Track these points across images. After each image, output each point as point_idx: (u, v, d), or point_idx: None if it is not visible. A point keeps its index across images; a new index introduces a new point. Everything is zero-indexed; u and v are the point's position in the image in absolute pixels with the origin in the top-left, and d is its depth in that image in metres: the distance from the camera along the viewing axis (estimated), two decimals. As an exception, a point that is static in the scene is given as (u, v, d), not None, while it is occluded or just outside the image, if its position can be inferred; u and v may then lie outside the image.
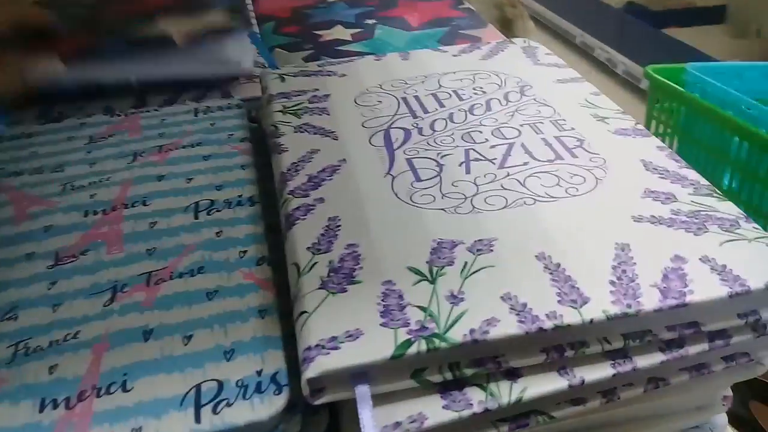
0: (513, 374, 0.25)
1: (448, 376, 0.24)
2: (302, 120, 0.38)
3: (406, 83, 0.41)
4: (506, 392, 0.24)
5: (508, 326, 0.24)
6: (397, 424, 0.23)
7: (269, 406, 0.23)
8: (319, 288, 0.26)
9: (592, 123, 0.36)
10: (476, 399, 0.24)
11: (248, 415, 0.23)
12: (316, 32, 0.53)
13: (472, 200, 0.30)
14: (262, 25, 0.56)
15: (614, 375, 0.25)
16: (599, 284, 0.25)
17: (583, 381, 0.25)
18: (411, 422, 0.23)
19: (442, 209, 0.30)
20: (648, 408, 0.29)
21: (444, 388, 0.24)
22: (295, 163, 0.35)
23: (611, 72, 1.32)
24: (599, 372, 0.25)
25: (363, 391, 0.23)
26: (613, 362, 0.25)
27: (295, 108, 0.40)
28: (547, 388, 0.24)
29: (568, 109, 0.37)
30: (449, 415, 0.24)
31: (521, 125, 0.36)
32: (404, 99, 0.40)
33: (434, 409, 0.24)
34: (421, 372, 0.24)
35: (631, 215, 0.29)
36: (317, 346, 0.24)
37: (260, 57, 0.50)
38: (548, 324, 0.24)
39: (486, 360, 0.24)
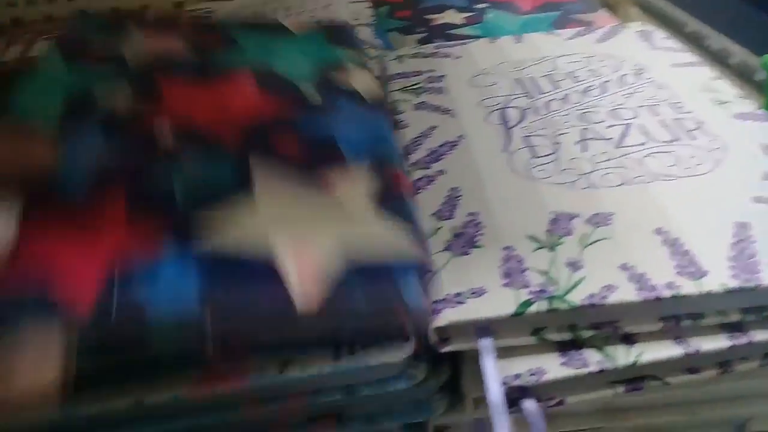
0: (629, 339, 0.26)
1: (567, 336, 0.26)
2: (420, 98, 0.40)
3: (521, 65, 0.43)
4: (623, 355, 0.25)
5: (626, 293, 0.25)
6: (517, 375, 0.25)
7: (399, 351, 0.25)
8: (444, 250, 0.28)
9: (711, 107, 0.36)
10: (593, 359, 0.25)
11: (382, 358, 0.25)
12: (428, 16, 0.55)
13: (588, 177, 0.32)
14: (376, 9, 0.58)
15: (730, 347, 0.26)
16: (718, 259, 0.26)
17: (698, 350, 0.25)
18: (530, 375, 0.25)
19: (559, 184, 0.31)
20: (760, 385, 0.29)
21: (562, 348, 0.26)
22: (415, 138, 0.36)
23: (724, 62, 1.27)
24: (715, 343, 0.26)
25: (486, 344, 0.25)
26: (729, 334, 0.26)
27: (413, 87, 0.42)
28: (662, 354, 0.25)
29: (686, 92, 0.37)
30: (567, 372, 0.25)
31: (638, 107, 0.37)
32: (519, 80, 0.41)
33: (552, 365, 0.25)
34: (540, 330, 0.26)
35: (751, 196, 0.29)
36: (444, 299, 0.26)
37: (377, 39, 0.52)
38: (666, 293, 0.25)
39: (604, 324, 0.26)
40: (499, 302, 0.25)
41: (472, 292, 0.26)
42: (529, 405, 0.25)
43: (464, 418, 0.28)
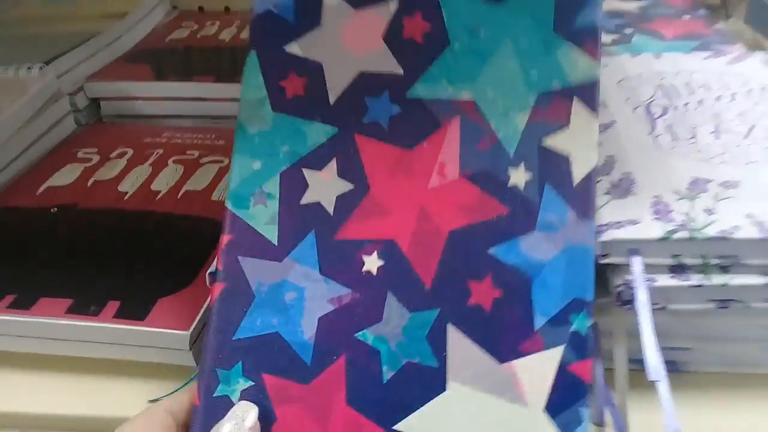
0: (727, 270, 0.34)
1: (698, 260, 0.34)
2: (576, 93, 0.49)
3: (661, 75, 0.51)
4: (718, 278, 0.34)
5: (749, 232, 0.34)
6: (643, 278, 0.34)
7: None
8: (605, 194, 0.37)
9: (826, 117, 0.44)
10: (695, 278, 0.34)
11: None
12: (579, 34, 0.64)
13: (722, 156, 0.40)
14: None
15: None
16: (824, 216, 0.34)
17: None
18: (648, 280, 0.34)
19: (697, 159, 0.40)
20: None
21: (673, 269, 0.35)
22: (574, 119, 0.46)
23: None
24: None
25: (637, 259, 0.34)
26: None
27: (569, 84, 0.51)
28: (748, 281, 0.34)
29: (804, 106, 0.45)
30: (673, 283, 0.34)
31: (763, 113, 0.45)
32: (660, 86, 0.50)
33: (664, 278, 0.35)
34: (678, 256, 0.34)
35: None
36: (607, 224, 0.35)
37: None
38: (781, 235, 0.33)
39: (728, 256, 0.34)
40: (650, 229, 0.34)
41: (629, 221, 0.35)
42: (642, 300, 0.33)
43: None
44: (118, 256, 0.44)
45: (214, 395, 0.32)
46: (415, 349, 0.32)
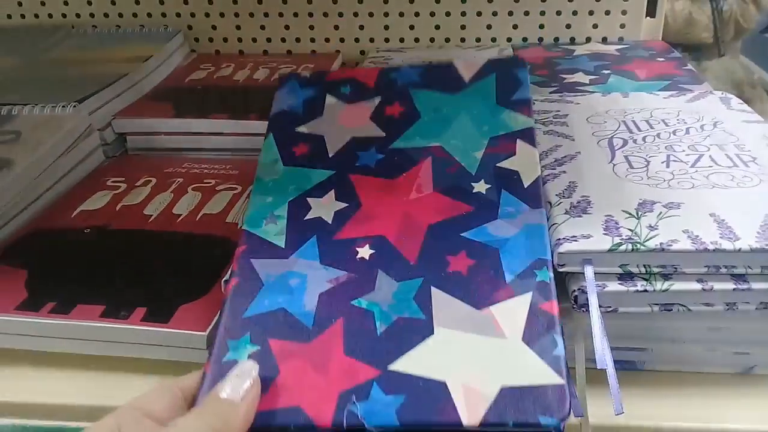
0: (669, 278, 0.40)
1: (642, 269, 0.40)
2: (548, 128, 0.56)
3: (626, 112, 0.58)
4: (660, 285, 0.39)
5: (685, 245, 0.39)
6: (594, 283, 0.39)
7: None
8: (565, 214, 0.43)
9: (766, 147, 0.50)
10: (641, 284, 0.40)
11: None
12: (562, 75, 0.71)
13: (669, 182, 0.46)
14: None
15: (733, 289, 0.39)
16: (749, 230, 0.40)
17: (712, 287, 0.39)
18: (599, 286, 0.39)
19: (647, 185, 0.46)
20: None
21: (621, 277, 0.40)
22: (545, 151, 0.52)
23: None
24: (727, 285, 0.39)
25: (589, 269, 0.40)
26: (735, 282, 0.39)
27: (542, 120, 0.57)
28: (688, 287, 0.39)
29: (750, 138, 0.51)
30: (621, 288, 0.40)
31: (710, 145, 0.51)
32: (623, 121, 0.56)
33: (613, 284, 0.40)
34: (624, 265, 0.40)
35: (781, 202, 0.43)
36: (564, 238, 0.41)
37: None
38: (711, 247, 0.39)
39: (667, 266, 0.40)
40: (600, 242, 0.40)
41: (582, 236, 0.41)
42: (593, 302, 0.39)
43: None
44: (144, 269, 0.50)
45: (223, 361, 0.37)
46: (404, 307, 0.38)
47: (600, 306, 0.39)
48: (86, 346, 0.46)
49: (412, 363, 0.35)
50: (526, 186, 0.44)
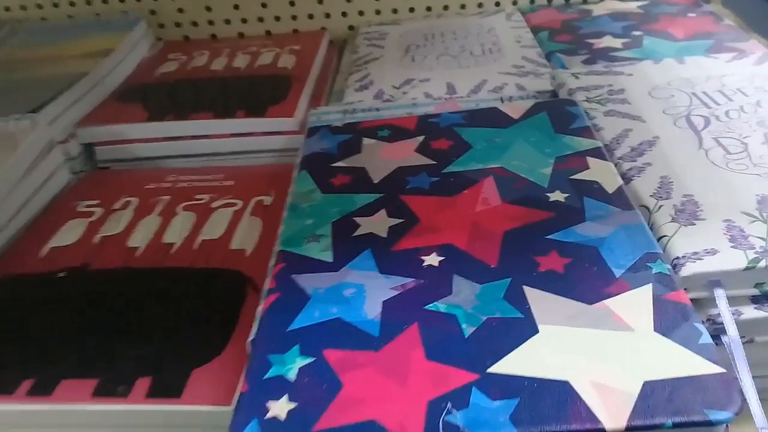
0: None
1: (783, 290, 0.32)
2: (607, 107, 0.47)
3: (691, 82, 0.49)
4: None
5: (838, 255, 0.31)
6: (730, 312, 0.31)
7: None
8: (671, 221, 0.35)
9: None
10: None
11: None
12: (588, 41, 0.62)
13: (782, 169, 0.38)
14: (537, 34, 0.66)
15: None
16: None
17: None
18: (734, 314, 0.31)
19: (756, 174, 0.38)
20: None
21: (755, 299, 0.32)
22: (614, 137, 0.43)
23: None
24: None
25: (720, 293, 0.31)
26: None
27: (597, 98, 0.49)
28: None
29: None
30: (760, 314, 0.32)
31: (810, 117, 0.42)
32: (694, 94, 0.47)
33: (749, 309, 0.32)
34: (761, 284, 0.32)
35: None
36: (683, 257, 0.32)
37: (541, 58, 0.59)
38: None
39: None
40: (731, 259, 0.32)
41: (706, 252, 0.32)
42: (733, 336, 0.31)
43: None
44: (140, 323, 0.40)
45: (265, 377, 0.29)
46: (493, 308, 0.31)
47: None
48: (78, 432, 0.37)
49: (517, 364, 0.28)
50: (610, 192, 0.38)
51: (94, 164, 0.61)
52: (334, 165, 0.44)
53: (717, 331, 0.32)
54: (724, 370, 0.27)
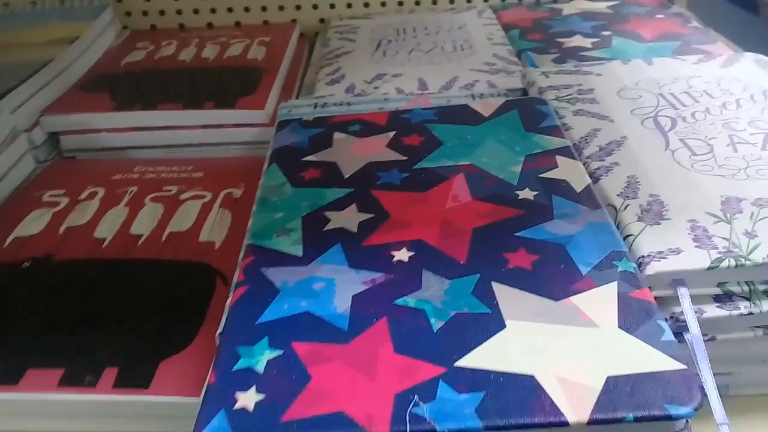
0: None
1: (745, 288, 0.33)
2: (576, 107, 0.48)
3: (659, 83, 0.50)
4: (766, 305, 0.32)
5: (797, 255, 0.32)
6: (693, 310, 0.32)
7: None
8: (638, 221, 0.35)
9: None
10: (743, 305, 0.32)
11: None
12: (559, 39, 0.63)
13: (745, 171, 0.39)
14: (508, 31, 0.66)
15: None
16: None
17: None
18: (696, 312, 0.32)
19: (721, 176, 0.38)
20: None
21: (718, 298, 0.33)
22: (583, 137, 0.44)
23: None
24: None
25: (684, 291, 0.32)
26: None
27: (566, 97, 0.49)
28: None
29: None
30: (722, 313, 0.33)
31: (772, 120, 0.44)
32: (661, 95, 0.48)
33: (711, 308, 0.33)
34: (723, 283, 0.33)
35: None
36: (649, 255, 0.33)
37: (512, 56, 0.60)
38: (829, 256, 0.32)
39: (773, 280, 0.33)
40: (696, 259, 0.33)
41: (670, 251, 0.33)
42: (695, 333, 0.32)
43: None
44: (107, 315, 0.40)
45: (234, 369, 0.29)
46: (462, 303, 0.31)
47: (697, 336, 0.32)
48: (43, 423, 0.36)
49: (484, 358, 0.28)
50: (578, 191, 0.38)
51: (59, 153, 0.60)
52: (304, 159, 0.44)
53: (680, 329, 0.32)
54: (686, 367, 0.27)
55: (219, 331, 0.33)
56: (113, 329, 0.38)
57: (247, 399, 0.28)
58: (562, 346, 0.29)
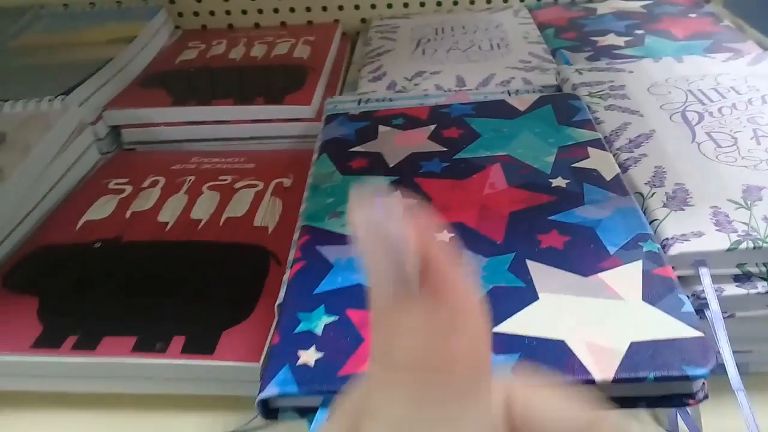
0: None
1: (763, 269, 0.35)
2: (608, 102, 0.50)
3: (688, 80, 0.52)
4: None
5: (813, 239, 0.35)
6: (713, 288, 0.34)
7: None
8: (663, 207, 0.38)
9: None
10: (761, 285, 0.35)
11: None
12: (593, 38, 0.66)
13: (767, 162, 0.41)
14: (543, 30, 0.69)
15: None
16: None
17: None
18: (716, 290, 0.34)
19: (744, 166, 0.41)
20: None
21: (737, 278, 0.36)
22: (614, 130, 0.47)
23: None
24: None
25: (705, 271, 0.35)
26: None
27: (599, 93, 0.52)
28: None
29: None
30: (740, 292, 0.35)
31: (796, 115, 0.46)
32: (689, 91, 0.51)
33: (731, 287, 0.35)
34: (742, 264, 0.35)
35: None
36: (672, 238, 0.36)
37: (547, 54, 0.63)
38: (843, 240, 0.34)
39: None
40: (716, 241, 0.35)
41: (693, 234, 0.36)
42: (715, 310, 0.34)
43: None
44: (172, 289, 0.44)
45: (295, 332, 0.33)
46: (499, 278, 0.35)
47: (718, 312, 0.34)
48: (117, 385, 0.40)
49: (519, 325, 0.32)
50: (608, 179, 0.41)
51: (120, 146, 0.64)
52: (352, 150, 0.47)
53: (701, 306, 0.35)
54: (703, 334, 0.30)
55: (278, 302, 0.37)
56: (180, 303, 0.42)
57: (308, 356, 0.31)
58: (590, 315, 0.32)
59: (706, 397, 0.30)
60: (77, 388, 0.40)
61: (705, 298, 0.35)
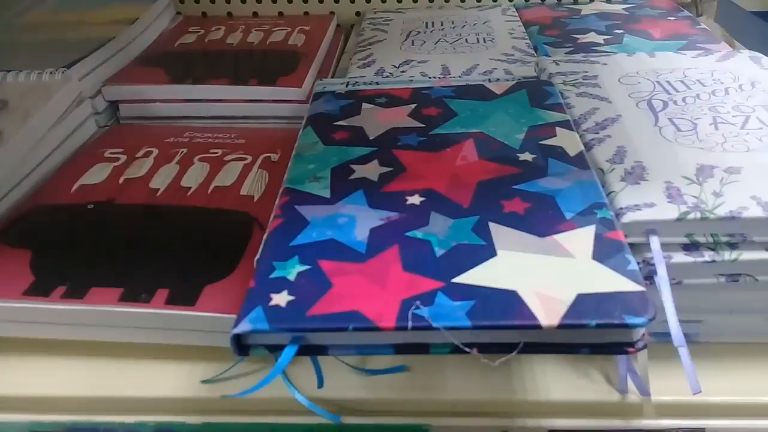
0: (736, 247, 0.38)
1: (710, 239, 0.38)
2: (580, 90, 0.53)
3: (657, 72, 0.55)
4: (729, 255, 0.37)
5: (755, 212, 0.37)
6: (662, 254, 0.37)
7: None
8: (621, 181, 0.41)
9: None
10: (708, 254, 0.38)
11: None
12: (574, 36, 0.68)
13: (722, 145, 0.44)
14: (528, 27, 0.72)
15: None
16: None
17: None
18: (665, 257, 0.37)
19: (700, 148, 0.44)
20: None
21: (686, 247, 0.38)
22: (582, 114, 0.49)
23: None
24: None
25: (655, 238, 0.38)
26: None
27: (572, 82, 0.55)
28: (757, 257, 0.37)
29: (792, 98, 0.49)
30: (688, 260, 0.38)
31: (755, 106, 0.49)
32: (658, 82, 0.53)
33: (679, 255, 0.38)
34: (690, 234, 0.38)
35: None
36: (625, 207, 0.38)
37: (530, 49, 0.65)
38: (782, 213, 0.37)
39: (735, 234, 0.38)
40: (666, 211, 0.38)
41: (645, 204, 0.38)
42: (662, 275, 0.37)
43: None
44: (160, 248, 0.46)
45: (270, 277, 0.35)
46: (463, 236, 0.37)
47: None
48: (103, 333, 0.43)
49: (477, 277, 0.34)
50: (572, 155, 0.44)
51: (117, 120, 0.66)
52: (335, 123, 0.50)
53: (651, 273, 0.38)
54: (644, 289, 0.33)
55: (257, 257, 0.39)
56: (166, 259, 0.45)
57: (280, 299, 0.34)
58: (542, 270, 0.34)
59: (645, 346, 0.33)
60: (65, 335, 0.43)
61: (654, 265, 0.37)
